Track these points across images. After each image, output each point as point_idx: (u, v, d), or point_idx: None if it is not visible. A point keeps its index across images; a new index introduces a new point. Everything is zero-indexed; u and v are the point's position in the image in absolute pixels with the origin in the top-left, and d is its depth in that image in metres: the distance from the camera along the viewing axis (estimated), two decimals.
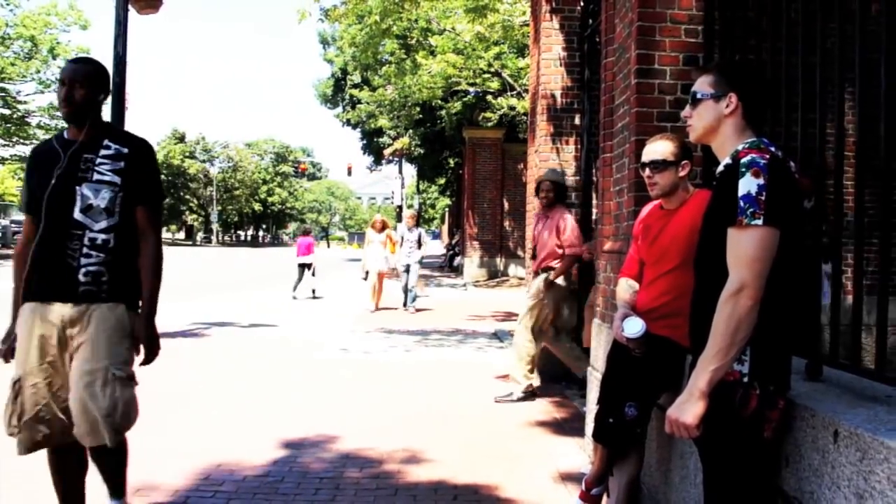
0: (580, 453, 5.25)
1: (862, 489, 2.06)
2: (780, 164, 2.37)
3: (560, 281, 7.09)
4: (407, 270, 15.35)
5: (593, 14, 7.22)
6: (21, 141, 41.96)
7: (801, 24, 3.09)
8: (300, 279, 17.51)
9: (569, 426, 6.01)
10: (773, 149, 2.44)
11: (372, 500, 4.31)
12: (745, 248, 2.31)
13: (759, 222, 2.29)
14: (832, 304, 2.69)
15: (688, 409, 2.37)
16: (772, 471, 2.60)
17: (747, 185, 2.32)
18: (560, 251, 7.04)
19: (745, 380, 2.37)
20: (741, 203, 2.32)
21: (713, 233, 2.49)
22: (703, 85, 2.64)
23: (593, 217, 7.34)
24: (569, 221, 7.10)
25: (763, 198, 2.30)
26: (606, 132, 5.19)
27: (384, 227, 15.99)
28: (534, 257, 7.38)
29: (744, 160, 2.37)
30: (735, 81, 2.59)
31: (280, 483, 4.56)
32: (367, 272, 15.51)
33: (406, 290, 15.44)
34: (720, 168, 2.54)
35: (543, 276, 7.08)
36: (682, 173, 3.51)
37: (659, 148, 3.52)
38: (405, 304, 15.38)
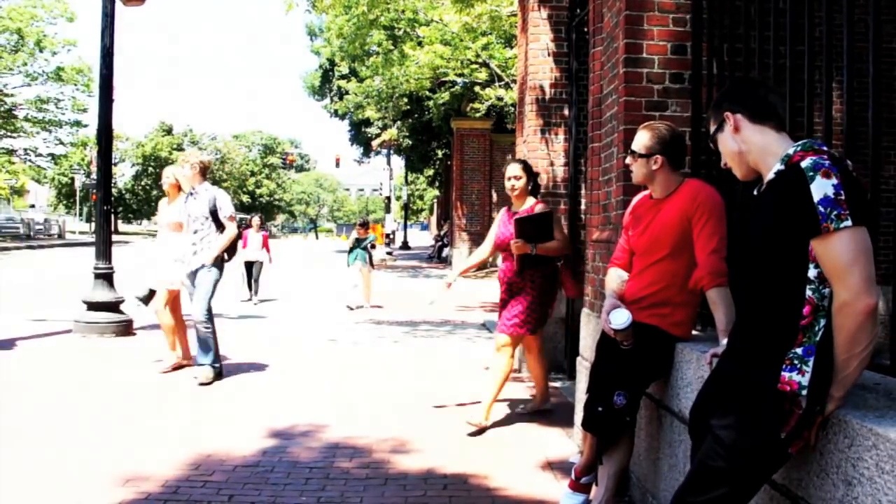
0: (568, 442, 5.26)
1: (850, 476, 2.07)
2: (842, 162, 2.15)
3: None
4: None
5: (581, 4, 7.20)
6: (8, 134, 41.76)
7: (789, 13, 3.10)
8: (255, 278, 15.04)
9: (556, 415, 6.03)
10: (824, 147, 2.23)
11: (362, 490, 4.31)
12: (839, 254, 2.08)
13: (849, 223, 2.06)
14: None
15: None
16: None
17: (822, 188, 2.08)
18: None
19: (804, 392, 2.17)
20: (820, 209, 2.08)
21: (768, 246, 2.25)
22: (708, 120, 2.56)
23: (581, 207, 7.35)
24: None
25: (843, 197, 2.07)
26: (595, 122, 5.19)
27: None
28: None
29: (804, 164, 2.14)
30: (726, 102, 2.49)
31: (270, 473, 4.56)
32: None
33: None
34: (770, 176, 2.29)
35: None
36: (654, 167, 3.56)
37: (637, 138, 3.64)
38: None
